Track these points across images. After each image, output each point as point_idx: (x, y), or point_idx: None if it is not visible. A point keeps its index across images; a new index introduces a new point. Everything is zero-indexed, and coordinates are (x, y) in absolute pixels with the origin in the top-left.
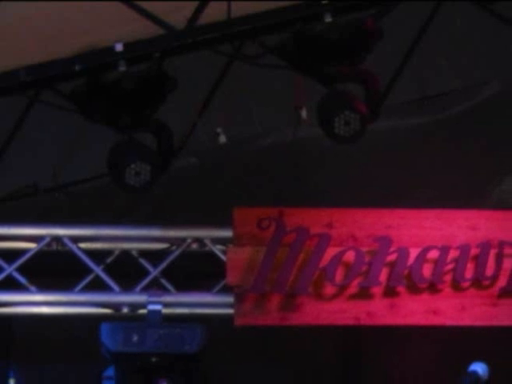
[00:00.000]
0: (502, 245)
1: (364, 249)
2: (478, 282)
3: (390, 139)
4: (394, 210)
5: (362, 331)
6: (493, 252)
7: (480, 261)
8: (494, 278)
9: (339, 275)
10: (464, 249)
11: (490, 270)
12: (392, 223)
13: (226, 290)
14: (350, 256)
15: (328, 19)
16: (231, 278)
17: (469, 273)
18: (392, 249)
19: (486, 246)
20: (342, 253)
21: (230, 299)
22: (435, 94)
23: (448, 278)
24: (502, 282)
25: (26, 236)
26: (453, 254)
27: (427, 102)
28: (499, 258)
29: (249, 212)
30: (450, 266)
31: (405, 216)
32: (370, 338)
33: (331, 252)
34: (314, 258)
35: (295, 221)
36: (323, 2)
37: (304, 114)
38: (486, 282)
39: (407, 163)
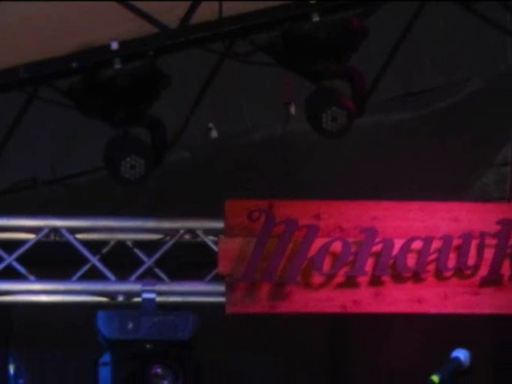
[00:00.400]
0: (483, 235)
1: (350, 239)
2: (460, 272)
3: (375, 134)
4: (379, 202)
5: (348, 319)
6: (474, 242)
7: (462, 251)
8: (476, 267)
9: (326, 265)
10: (446, 239)
11: (471, 260)
12: (377, 215)
13: (217, 279)
14: (336, 246)
15: (315, 19)
16: (222, 268)
17: (451, 262)
18: (377, 239)
19: (467, 237)
20: (330, 243)
21: (221, 288)
22: (419, 91)
23: (431, 267)
24: (483, 271)
25: (25, 227)
26: (436, 244)
27: (411, 99)
28: (480, 249)
29: (240, 204)
30: (433, 256)
31: (389, 208)
32: (356, 327)
33: (319, 242)
34: (303, 248)
35: (284, 212)
36: (311, 2)
37: (293, 109)
38: (468, 272)
39: (392, 158)
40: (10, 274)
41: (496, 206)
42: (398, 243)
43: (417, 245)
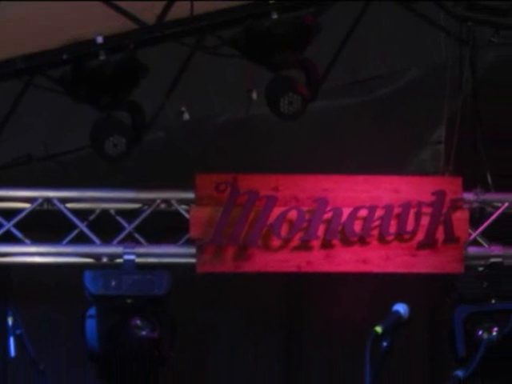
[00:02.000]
0: (420, 205)
1: (305, 208)
2: (400, 236)
3: (325, 117)
4: (329, 175)
5: (303, 279)
6: (412, 211)
7: (401, 218)
8: (414, 232)
9: (284, 230)
10: (388, 208)
11: (410, 226)
12: (328, 187)
13: (189, 242)
14: (292, 214)
15: (274, 16)
16: (193, 233)
17: (392, 228)
18: (328, 208)
19: (406, 206)
20: (286, 212)
21: (192, 250)
22: (363, 79)
23: (375, 232)
24: (420, 236)
25: (22, 197)
26: (379, 212)
27: (356, 86)
28: (418, 216)
29: (208, 178)
30: (377, 223)
31: (339, 181)
32: (311, 285)
33: (277, 211)
34: (263, 215)
35: (247, 185)
36: (270, 1)
37: (254, 95)
38: (407, 236)
39: (340, 137)
40: (8, 239)
41: (431, 179)
42: (346, 211)
43: (362, 213)
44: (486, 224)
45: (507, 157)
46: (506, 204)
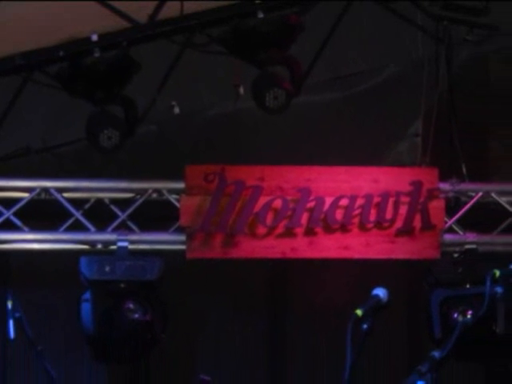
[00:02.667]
0: (398, 194)
1: (289, 197)
2: (379, 224)
3: (309, 111)
4: (312, 167)
5: (287, 265)
6: (391, 200)
7: (381, 207)
8: (392, 220)
9: (269, 219)
10: (368, 197)
11: (389, 215)
12: (311, 177)
13: (179, 230)
14: (277, 203)
15: (260, 15)
16: (183, 221)
17: (372, 216)
18: (311, 198)
19: (385, 196)
20: (272, 201)
21: (182, 238)
22: (344, 75)
23: (356, 220)
24: (398, 224)
25: (20, 187)
26: (359, 201)
27: (338, 82)
28: (396, 205)
29: (197, 168)
30: (357, 211)
31: (321, 172)
32: (295, 271)
33: (263, 200)
34: (249, 204)
35: (234, 175)
36: (256, 1)
37: (241, 90)
38: (386, 224)
39: (322, 130)
40: (8, 226)
41: (409, 170)
42: (329, 200)
43: (344, 202)
44: (460, 212)
45: (481, 149)
46: (480, 193)
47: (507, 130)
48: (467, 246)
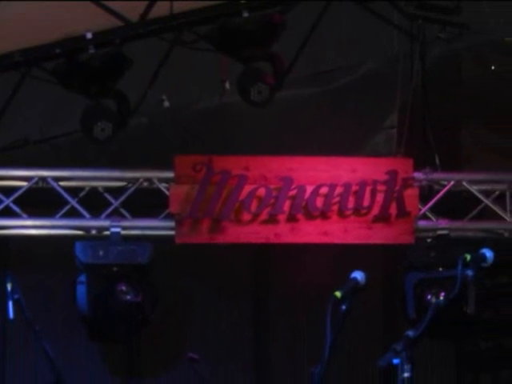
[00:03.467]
0: (375, 183)
1: (272, 186)
2: (357, 211)
3: (290, 104)
4: (294, 157)
5: (270, 249)
6: (368, 188)
7: (359, 195)
8: (369, 208)
9: (253, 206)
10: (347, 186)
11: (366, 202)
12: (293, 167)
13: (168, 216)
14: (261, 191)
15: (245, 14)
16: (173, 208)
17: (350, 204)
18: (293, 186)
19: (363, 184)
20: (256, 189)
21: (171, 224)
22: (324, 71)
23: (335, 207)
24: (375, 210)
25: (19, 176)
26: (338, 190)
27: (318, 77)
28: (373, 193)
29: (186, 159)
30: (336, 199)
31: (303, 162)
32: (277, 255)
33: (248, 188)
34: (235, 193)
35: (220, 165)
36: (242, 1)
37: (227, 85)
38: (363, 211)
39: (303, 122)
40: (8, 213)
41: (385, 160)
42: (309, 189)
43: (323, 190)
44: (434, 200)
45: (453, 141)
46: (452, 182)
47: (478, 123)
48: (440, 232)
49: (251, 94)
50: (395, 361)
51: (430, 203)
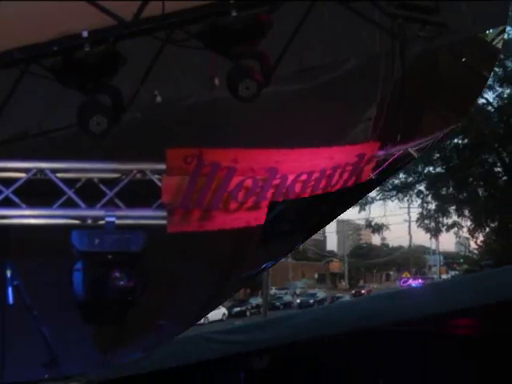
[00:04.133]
0: (346, 165)
1: (259, 177)
2: (326, 189)
3: (277, 100)
4: (279, 149)
5: (251, 232)
6: (339, 170)
7: (330, 177)
8: (335, 185)
9: (240, 196)
10: (322, 171)
11: (334, 181)
12: (278, 159)
13: (161, 207)
14: (248, 182)
15: (234, 14)
16: (165, 199)
17: (322, 184)
18: (277, 176)
19: (335, 168)
20: (243, 180)
21: (164, 213)
22: (309, 68)
23: (309, 190)
24: (338, 186)
25: (18, 168)
26: (315, 175)
27: (303, 73)
28: (341, 173)
29: (177, 151)
30: (312, 183)
31: (287, 154)
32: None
33: (236, 180)
34: (224, 184)
35: (210, 157)
36: (231, 1)
37: (217, 81)
38: (330, 188)
39: (288, 117)
40: (7, 203)
41: (359, 146)
42: (291, 177)
43: (303, 177)
44: (382, 167)
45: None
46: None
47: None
48: None
49: (240, 90)
50: None
51: (378, 170)
